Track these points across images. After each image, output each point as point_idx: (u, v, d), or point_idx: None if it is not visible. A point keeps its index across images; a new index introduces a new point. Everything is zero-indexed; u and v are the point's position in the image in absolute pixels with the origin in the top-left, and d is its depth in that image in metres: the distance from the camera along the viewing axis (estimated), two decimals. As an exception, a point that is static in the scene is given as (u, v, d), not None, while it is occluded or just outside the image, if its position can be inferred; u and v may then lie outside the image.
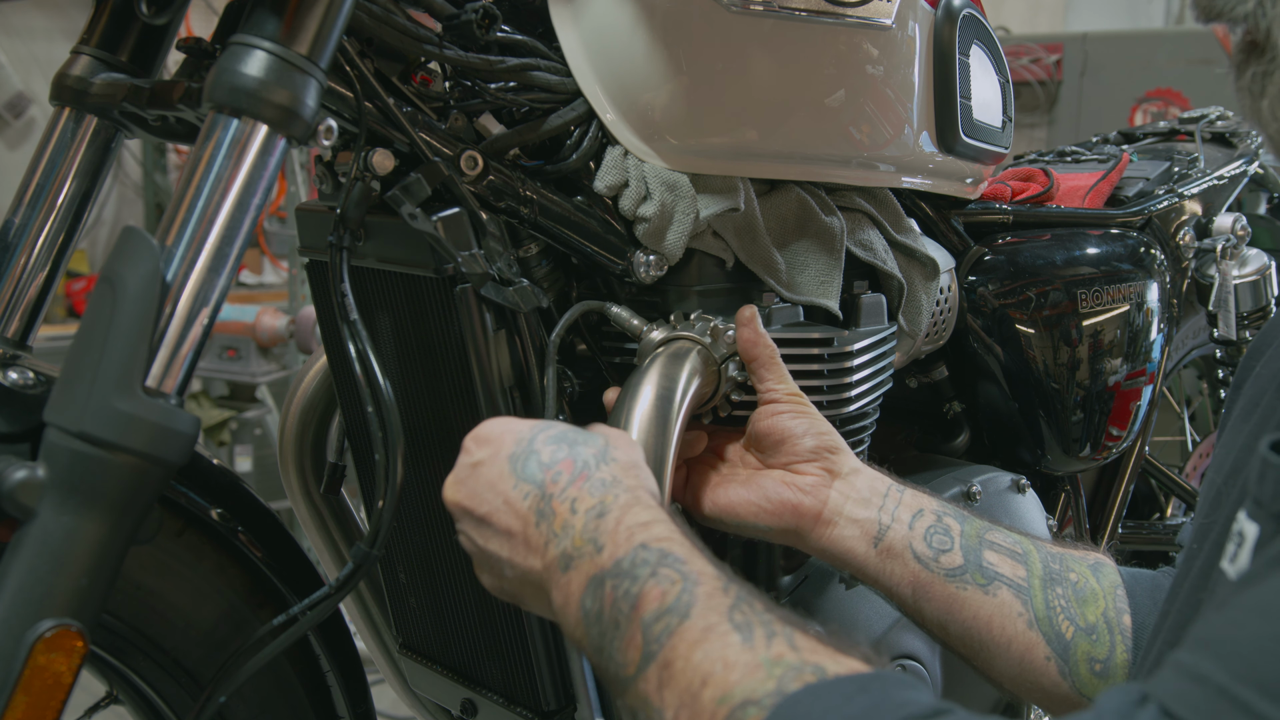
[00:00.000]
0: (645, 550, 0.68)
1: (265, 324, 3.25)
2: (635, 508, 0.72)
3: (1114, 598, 0.90)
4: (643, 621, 0.65)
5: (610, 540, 0.70)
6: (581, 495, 0.74)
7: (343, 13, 0.81)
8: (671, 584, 0.65)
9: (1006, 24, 5.49)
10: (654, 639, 0.63)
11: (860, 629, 1.05)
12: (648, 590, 0.66)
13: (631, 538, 0.69)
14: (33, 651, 0.71)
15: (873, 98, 1.07)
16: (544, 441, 0.78)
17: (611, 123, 0.97)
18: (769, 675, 0.57)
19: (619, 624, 0.66)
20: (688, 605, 0.64)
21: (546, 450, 0.77)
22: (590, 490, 0.74)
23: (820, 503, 0.91)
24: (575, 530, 0.72)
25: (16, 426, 0.83)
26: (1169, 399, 1.93)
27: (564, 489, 0.74)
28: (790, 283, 1.06)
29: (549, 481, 0.75)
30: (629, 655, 0.65)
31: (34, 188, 1.00)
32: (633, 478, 0.76)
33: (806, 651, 0.59)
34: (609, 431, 0.81)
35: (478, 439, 0.80)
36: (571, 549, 0.71)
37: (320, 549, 1.28)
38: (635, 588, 0.66)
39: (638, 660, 0.64)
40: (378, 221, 0.94)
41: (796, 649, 0.59)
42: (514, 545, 0.76)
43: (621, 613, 0.66)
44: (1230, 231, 1.55)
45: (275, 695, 1.03)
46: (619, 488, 0.74)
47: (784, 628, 0.61)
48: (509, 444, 0.78)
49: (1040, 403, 1.30)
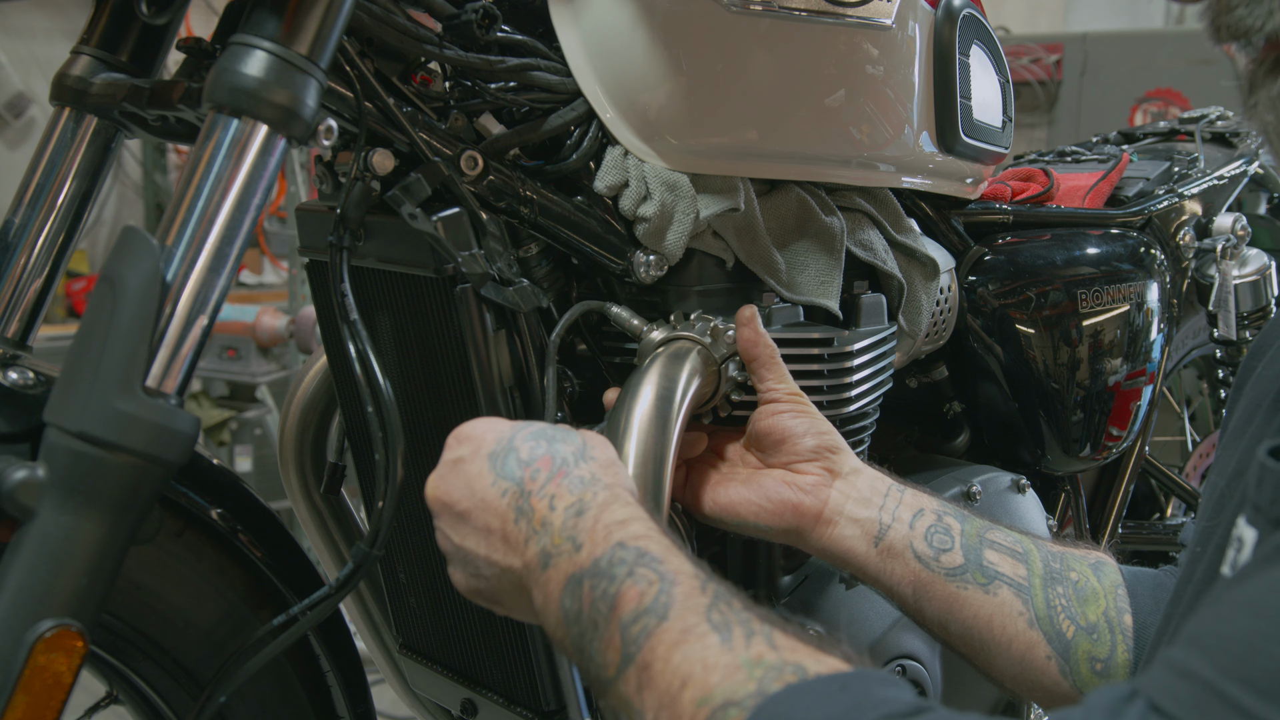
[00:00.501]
0: (623, 549, 0.68)
1: (265, 324, 3.25)
2: (613, 505, 0.72)
3: (1115, 597, 0.90)
4: (621, 622, 0.64)
5: (589, 539, 0.70)
6: (560, 492, 0.73)
7: (343, 13, 0.81)
8: (649, 584, 0.65)
9: (1006, 24, 5.49)
10: (632, 640, 0.63)
11: (860, 629, 1.05)
12: (625, 590, 0.65)
13: (609, 536, 0.69)
14: (33, 651, 0.71)
15: (873, 98, 1.07)
16: (523, 439, 0.78)
17: (611, 122, 0.97)
18: (749, 676, 0.57)
19: (598, 625, 0.66)
20: (665, 606, 0.63)
21: (525, 447, 0.77)
22: (569, 487, 0.74)
23: (821, 502, 0.91)
24: (554, 528, 0.72)
25: (16, 426, 0.83)
26: (1169, 399, 1.93)
27: (542, 486, 0.74)
28: (790, 283, 1.06)
29: (528, 479, 0.75)
30: (608, 656, 0.65)
31: (34, 188, 1.00)
32: (611, 475, 0.76)
33: (786, 651, 0.59)
34: (585, 432, 0.81)
35: (459, 437, 0.80)
36: (551, 547, 0.71)
37: (320, 549, 1.28)
38: (613, 588, 0.66)
39: (617, 662, 0.64)
40: (378, 221, 0.94)
41: (776, 648, 0.59)
42: (492, 543, 0.75)
43: (600, 613, 0.66)
44: (1230, 231, 1.55)
45: (275, 695, 1.03)
46: (597, 485, 0.74)
47: (763, 626, 0.61)
48: (490, 442, 0.78)
49: (1040, 403, 1.30)
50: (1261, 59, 0.63)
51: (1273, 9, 0.60)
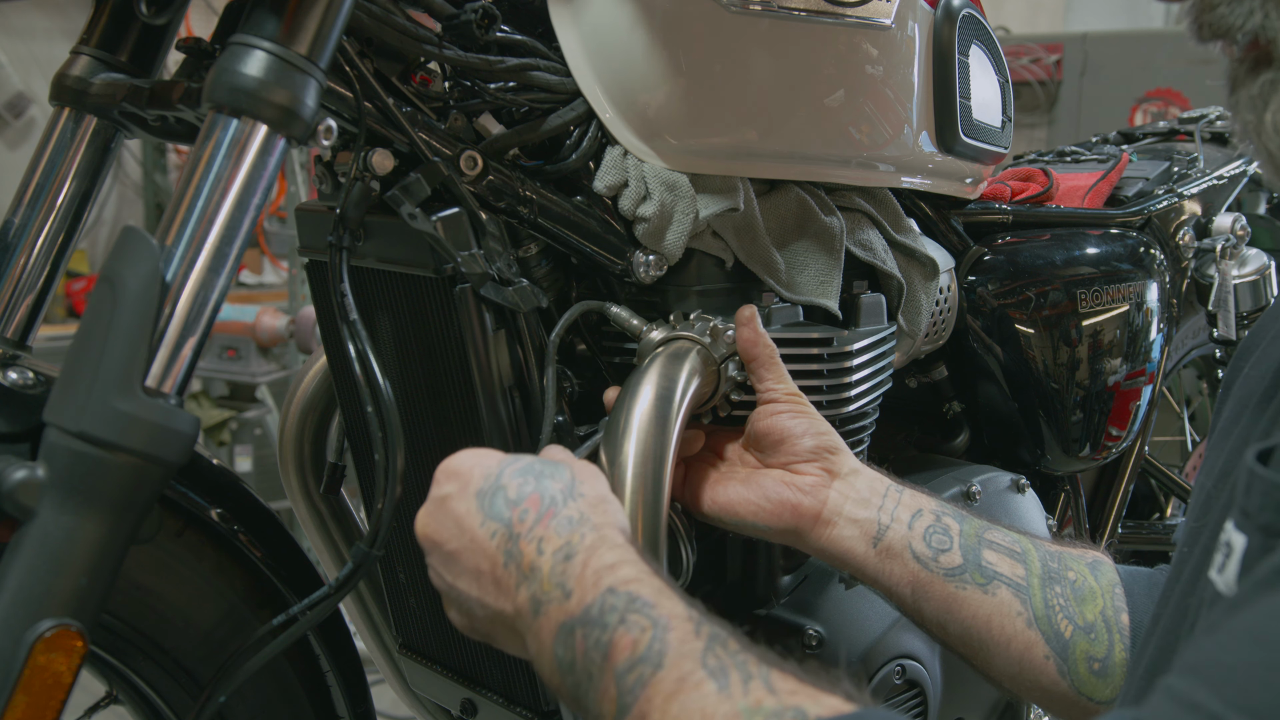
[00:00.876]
0: (613, 595, 0.66)
1: (265, 324, 3.25)
2: (601, 548, 0.70)
3: (1112, 596, 0.90)
4: (616, 673, 0.63)
5: (578, 585, 0.68)
6: (548, 535, 0.72)
7: (342, 13, 0.81)
8: (642, 631, 0.64)
9: (1006, 24, 5.49)
10: (628, 690, 0.62)
11: (860, 629, 1.05)
12: (618, 639, 0.64)
13: (599, 582, 0.67)
14: (32, 651, 0.71)
15: (872, 98, 1.07)
16: (511, 475, 0.76)
17: (611, 122, 0.97)
18: None
19: (592, 675, 0.65)
20: (660, 654, 0.62)
21: (513, 485, 0.75)
22: (557, 529, 0.72)
23: (820, 503, 0.91)
24: (543, 574, 0.70)
25: (16, 426, 0.83)
26: (1169, 399, 1.93)
27: (530, 528, 0.73)
28: (790, 283, 1.06)
29: (516, 520, 0.73)
30: (604, 707, 0.63)
31: (34, 188, 1.00)
32: (600, 514, 0.74)
33: (785, 694, 0.58)
34: (575, 463, 0.79)
35: (447, 472, 0.79)
36: (540, 593, 0.70)
37: (320, 549, 1.28)
38: (605, 636, 0.65)
39: (613, 712, 0.63)
40: (377, 221, 0.94)
41: (775, 692, 0.58)
42: (483, 585, 0.74)
43: (594, 663, 0.65)
44: (1230, 231, 1.55)
45: (275, 695, 1.03)
46: (585, 526, 0.72)
47: (760, 668, 0.60)
48: (477, 478, 0.77)
49: (1040, 403, 1.30)
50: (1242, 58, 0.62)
51: (1254, 8, 0.60)
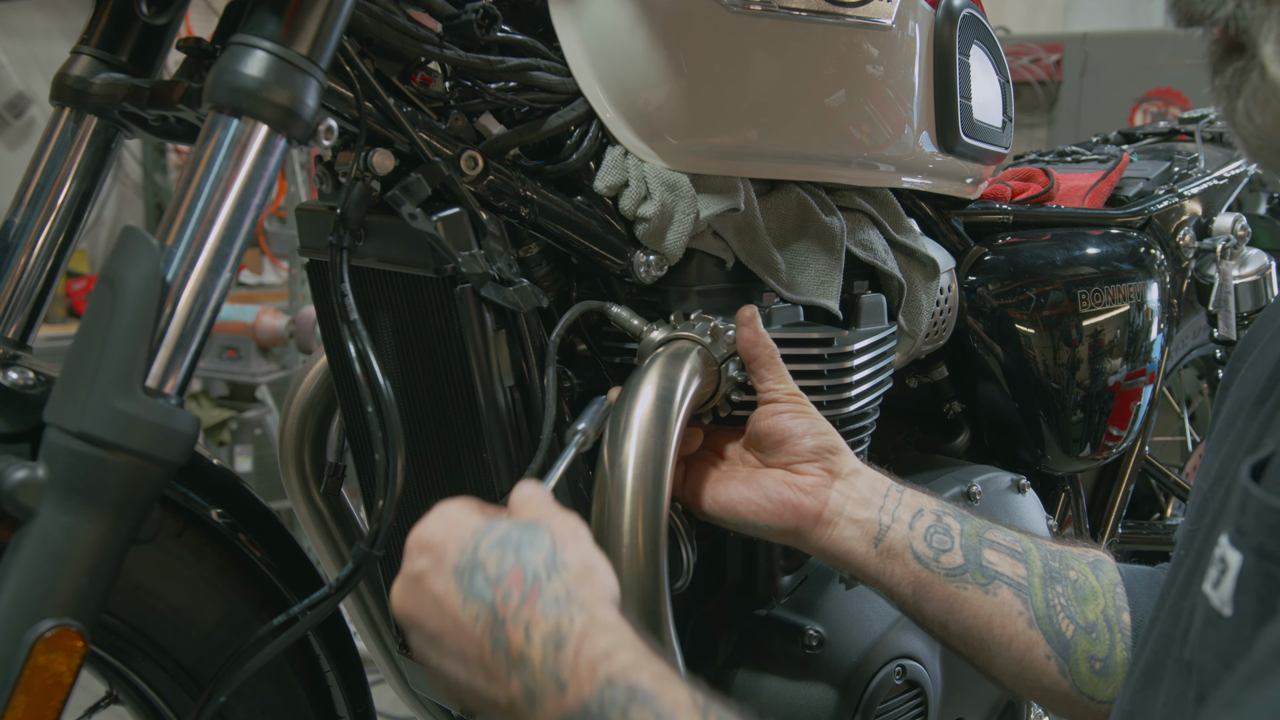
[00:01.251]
0: (611, 688, 0.64)
1: (265, 324, 3.25)
2: (593, 632, 0.67)
3: (1113, 595, 0.90)
4: None
5: (572, 677, 0.65)
6: (535, 619, 0.68)
7: (343, 13, 0.81)
8: None
9: (1006, 24, 5.49)
10: None
11: (860, 629, 1.05)
12: None
13: (594, 673, 0.65)
14: (33, 651, 0.71)
15: (873, 98, 1.07)
16: (488, 549, 0.71)
17: (611, 122, 0.97)
18: None
19: None
20: None
21: (492, 560, 0.71)
22: (544, 611, 0.68)
23: (820, 503, 0.91)
24: (534, 664, 0.67)
25: (16, 426, 0.83)
26: (1169, 399, 1.93)
27: (516, 610, 0.69)
28: (790, 283, 1.06)
29: (499, 601, 0.69)
30: None
31: (34, 188, 1.00)
32: (587, 588, 0.70)
33: None
34: (554, 522, 0.74)
35: (419, 544, 0.74)
36: (534, 685, 0.67)
37: (320, 549, 1.28)
38: None
39: None
40: (378, 221, 0.94)
41: None
42: (472, 670, 0.71)
43: None
44: (1230, 231, 1.54)
45: (275, 695, 1.03)
46: (574, 606, 0.68)
47: None
48: (452, 553, 0.72)
49: (1040, 403, 1.30)
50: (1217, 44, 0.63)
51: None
